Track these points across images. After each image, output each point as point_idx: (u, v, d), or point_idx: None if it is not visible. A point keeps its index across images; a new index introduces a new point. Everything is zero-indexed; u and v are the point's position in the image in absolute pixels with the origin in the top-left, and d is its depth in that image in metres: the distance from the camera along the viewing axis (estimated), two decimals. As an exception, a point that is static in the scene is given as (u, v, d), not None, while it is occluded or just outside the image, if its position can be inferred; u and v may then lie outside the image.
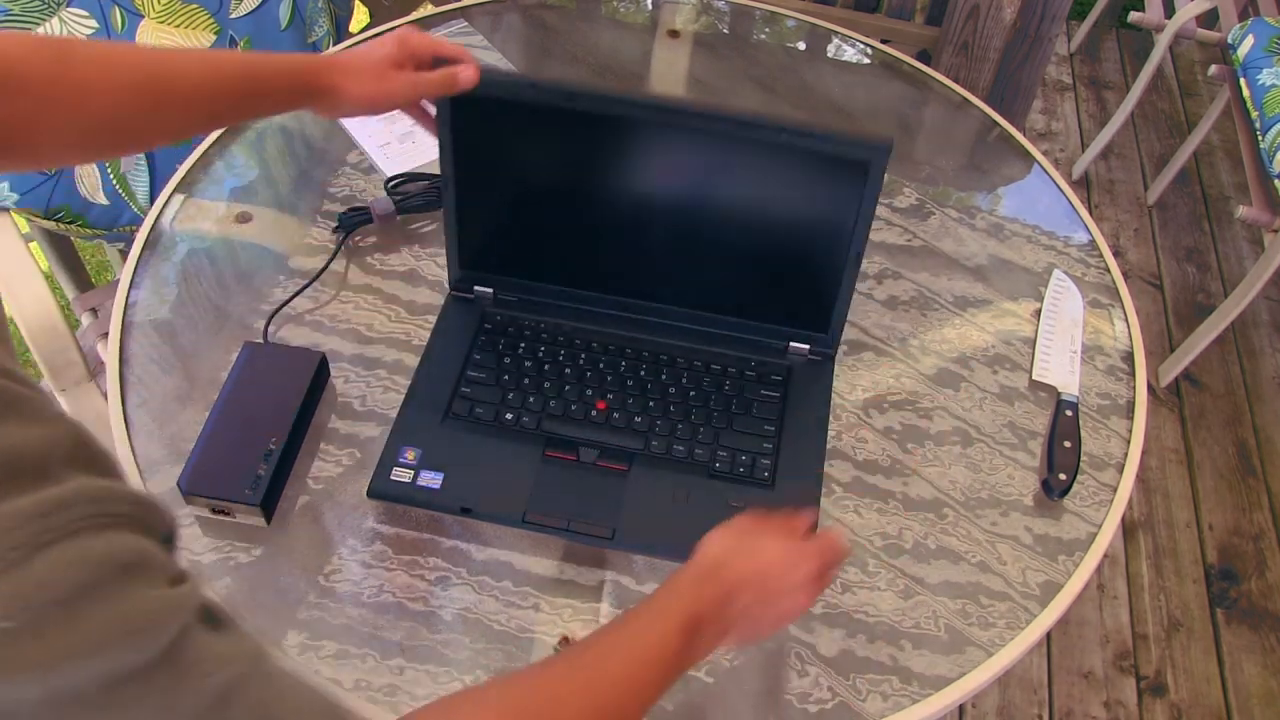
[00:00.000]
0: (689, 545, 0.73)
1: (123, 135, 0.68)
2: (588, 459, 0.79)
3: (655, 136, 0.80)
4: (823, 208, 0.80)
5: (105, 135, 0.66)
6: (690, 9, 1.27)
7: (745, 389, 0.83)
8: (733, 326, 0.86)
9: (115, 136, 0.67)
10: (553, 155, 0.83)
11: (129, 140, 0.70)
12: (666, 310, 0.87)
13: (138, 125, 0.67)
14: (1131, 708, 1.51)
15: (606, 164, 0.82)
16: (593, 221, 0.85)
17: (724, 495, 0.77)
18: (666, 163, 0.81)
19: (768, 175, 0.80)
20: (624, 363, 0.84)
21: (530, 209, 0.86)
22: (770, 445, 0.80)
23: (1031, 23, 1.72)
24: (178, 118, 0.69)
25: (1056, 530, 0.79)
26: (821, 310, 0.84)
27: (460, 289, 0.89)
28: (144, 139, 0.74)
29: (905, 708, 0.69)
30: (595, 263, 0.87)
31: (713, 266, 0.86)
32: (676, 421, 0.81)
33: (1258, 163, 1.72)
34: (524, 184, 0.85)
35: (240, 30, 1.25)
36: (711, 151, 0.80)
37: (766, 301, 0.86)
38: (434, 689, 0.69)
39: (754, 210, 0.82)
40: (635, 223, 0.84)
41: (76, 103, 0.62)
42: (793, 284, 0.85)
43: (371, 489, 0.77)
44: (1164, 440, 1.86)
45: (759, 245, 0.84)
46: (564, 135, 0.81)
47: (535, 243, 0.87)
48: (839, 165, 0.78)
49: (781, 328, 0.86)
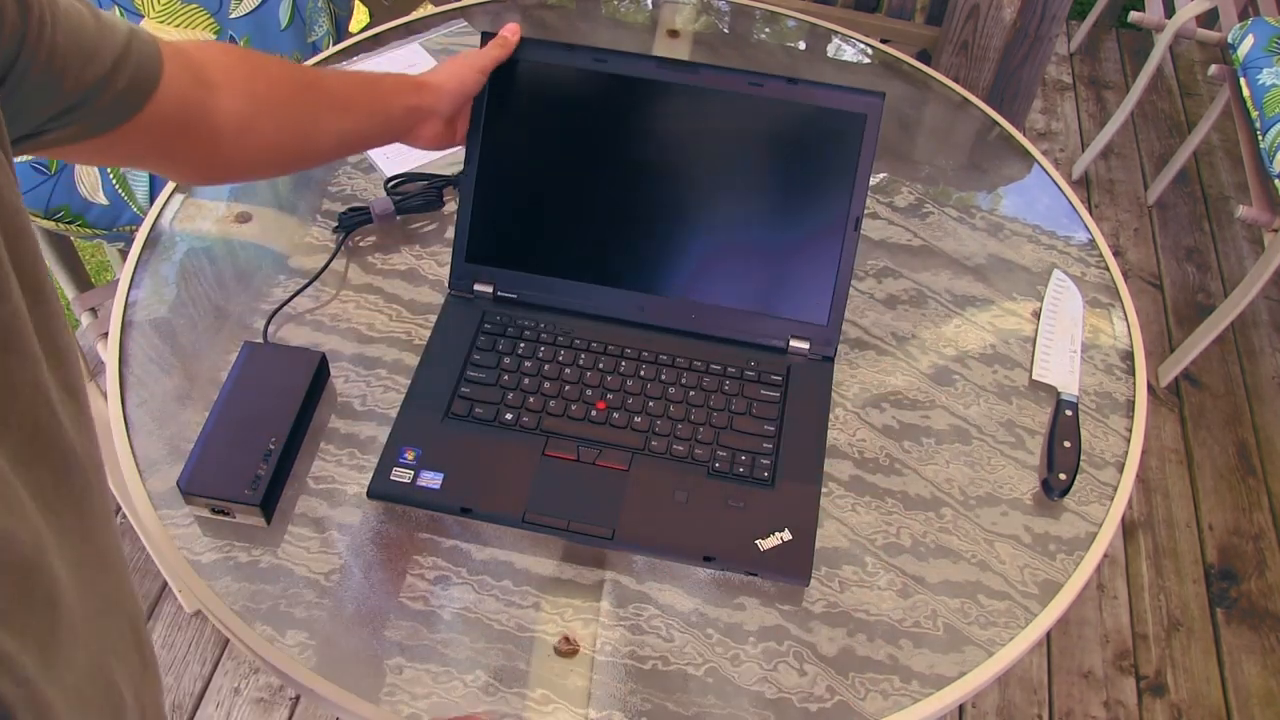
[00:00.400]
0: (688, 545, 0.74)
1: (302, 140, 0.73)
2: (587, 458, 0.78)
3: (671, 94, 0.85)
4: (822, 170, 0.84)
5: (290, 137, 0.72)
6: (690, 9, 1.27)
7: (745, 388, 0.83)
8: (735, 318, 0.86)
9: (298, 141, 0.73)
10: (573, 122, 0.86)
11: (309, 146, 0.75)
12: (668, 303, 0.86)
13: (309, 129, 0.73)
14: (1131, 708, 1.51)
15: (626, 130, 0.86)
16: (599, 205, 0.87)
17: (724, 494, 0.77)
18: (677, 125, 0.85)
19: (770, 139, 0.85)
20: (624, 362, 0.84)
21: (541, 193, 0.87)
22: (770, 445, 0.80)
23: (1031, 22, 1.72)
24: (338, 120, 0.75)
25: (1056, 530, 0.79)
26: (821, 292, 0.85)
27: (460, 288, 0.89)
28: (318, 145, 0.76)
29: (905, 707, 0.69)
30: (601, 252, 0.87)
31: (715, 246, 0.86)
32: (676, 421, 0.81)
33: (1258, 162, 1.72)
34: (539, 164, 0.87)
35: (240, 30, 1.25)
36: (717, 108, 0.84)
37: (768, 286, 0.86)
38: (434, 689, 0.69)
39: (755, 183, 0.85)
40: (641, 203, 0.86)
41: (270, 101, 0.69)
42: (794, 261, 0.85)
43: (371, 489, 0.76)
44: (1164, 440, 1.86)
45: (761, 222, 0.85)
46: (587, 98, 0.86)
47: (541, 232, 0.88)
48: (837, 120, 0.83)
49: (784, 319, 0.86)
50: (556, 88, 0.86)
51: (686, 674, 0.70)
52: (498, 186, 0.87)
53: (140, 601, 0.63)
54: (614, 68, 0.85)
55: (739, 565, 0.74)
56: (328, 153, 0.79)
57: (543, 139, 0.87)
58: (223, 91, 0.66)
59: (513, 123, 0.87)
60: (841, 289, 0.84)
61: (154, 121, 0.60)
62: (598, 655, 0.71)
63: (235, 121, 0.67)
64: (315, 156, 0.78)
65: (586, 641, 0.72)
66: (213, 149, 0.67)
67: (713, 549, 0.74)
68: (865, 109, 0.83)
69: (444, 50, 1.17)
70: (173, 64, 0.61)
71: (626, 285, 0.87)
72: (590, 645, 0.72)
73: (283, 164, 0.79)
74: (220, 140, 0.67)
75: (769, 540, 0.74)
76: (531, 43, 0.86)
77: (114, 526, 0.48)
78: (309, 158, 0.78)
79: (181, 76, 0.61)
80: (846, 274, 0.84)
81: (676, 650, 0.71)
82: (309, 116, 0.73)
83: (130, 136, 0.60)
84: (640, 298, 0.87)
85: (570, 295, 0.87)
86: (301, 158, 0.77)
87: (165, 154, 0.66)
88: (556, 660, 0.71)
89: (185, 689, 1.43)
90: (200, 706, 1.42)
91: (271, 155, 0.73)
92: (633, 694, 0.69)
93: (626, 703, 0.69)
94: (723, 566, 0.74)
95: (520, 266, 0.88)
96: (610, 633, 0.72)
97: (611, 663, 0.71)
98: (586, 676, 0.70)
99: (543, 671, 0.70)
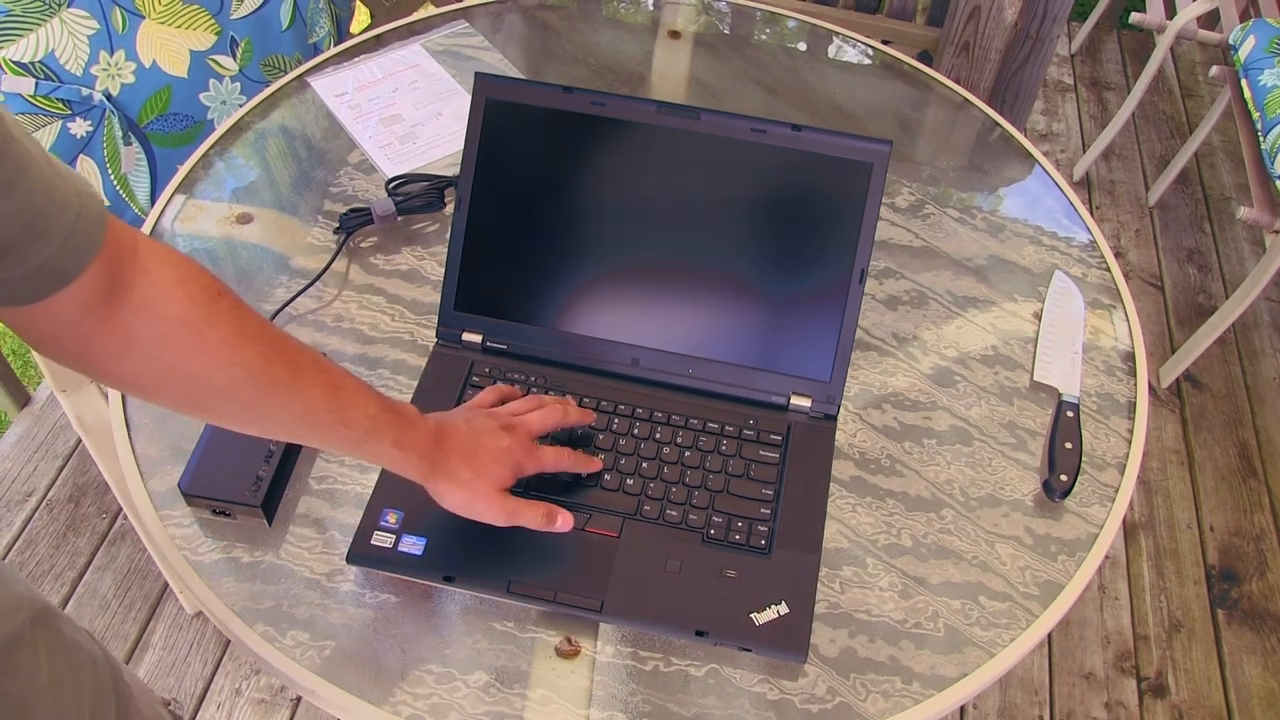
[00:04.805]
0: (680, 618, 0.71)
1: (212, 408, 0.60)
2: (577, 524, 0.74)
3: (671, 140, 0.82)
4: (826, 220, 0.81)
5: (206, 396, 0.58)
6: (691, 10, 1.27)
7: (743, 448, 0.79)
8: (733, 373, 0.82)
9: (205, 403, 0.59)
10: (568, 167, 0.83)
11: (208, 413, 0.62)
12: (663, 356, 0.83)
13: (229, 409, 0.59)
14: (1132, 709, 1.51)
15: (622, 177, 0.82)
16: (594, 253, 0.83)
17: (718, 564, 0.73)
18: (676, 172, 0.82)
19: (773, 188, 0.81)
20: (616, 420, 0.81)
21: (533, 240, 0.84)
22: (768, 510, 0.76)
23: (1032, 24, 1.72)
24: (272, 427, 0.62)
25: (1057, 531, 0.79)
26: (824, 347, 0.81)
27: (447, 338, 0.86)
28: (223, 418, 0.61)
29: (907, 708, 0.69)
30: (594, 302, 0.84)
31: (712, 298, 0.83)
32: (670, 483, 0.77)
33: (1259, 164, 1.72)
34: (531, 209, 0.84)
35: (241, 31, 1.25)
36: (718, 155, 0.81)
37: (768, 340, 0.82)
38: (435, 689, 0.69)
39: (756, 233, 0.82)
40: (637, 252, 0.83)
41: (203, 353, 0.56)
42: (796, 315, 0.82)
43: (351, 554, 0.73)
44: (1165, 441, 1.86)
45: (761, 274, 0.82)
46: (585, 142, 0.82)
47: (533, 280, 0.84)
48: (842, 169, 0.79)
49: (784, 374, 0.82)
50: (552, 131, 0.83)
51: (688, 675, 0.70)
52: (488, 232, 0.84)
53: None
54: (612, 111, 0.82)
55: (733, 640, 0.70)
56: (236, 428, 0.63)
57: (536, 183, 0.84)
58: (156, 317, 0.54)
59: (505, 166, 0.84)
60: (845, 344, 0.81)
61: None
62: (599, 656, 0.71)
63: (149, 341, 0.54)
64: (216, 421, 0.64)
65: (588, 642, 0.72)
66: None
67: (705, 623, 0.70)
68: (871, 158, 0.80)
69: (445, 51, 1.17)
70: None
71: (620, 337, 0.83)
72: (592, 646, 0.71)
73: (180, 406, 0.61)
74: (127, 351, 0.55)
75: (764, 614, 0.71)
76: (527, 84, 0.84)
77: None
78: (211, 419, 0.65)
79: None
80: (850, 329, 0.81)
81: (678, 651, 0.71)
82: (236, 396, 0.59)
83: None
84: (634, 350, 0.83)
85: (562, 346, 0.84)
86: (202, 413, 0.63)
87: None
88: (558, 661, 0.71)
89: (186, 690, 1.43)
90: (201, 708, 1.42)
91: (171, 393, 0.58)
92: (634, 695, 0.69)
93: (628, 704, 0.69)
94: (716, 641, 0.70)
95: (510, 316, 0.84)
96: (611, 633, 0.72)
97: (613, 663, 0.71)
98: (588, 677, 0.70)
99: (544, 672, 0.70)
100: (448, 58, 1.17)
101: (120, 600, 1.52)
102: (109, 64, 1.15)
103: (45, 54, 1.11)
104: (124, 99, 1.17)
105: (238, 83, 1.27)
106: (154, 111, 1.20)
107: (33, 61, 1.10)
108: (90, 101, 1.14)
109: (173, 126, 1.23)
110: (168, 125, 1.22)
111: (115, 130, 1.17)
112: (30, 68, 1.10)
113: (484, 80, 0.83)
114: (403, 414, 0.67)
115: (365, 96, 1.11)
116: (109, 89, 1.16)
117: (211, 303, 0.56)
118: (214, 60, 1.23)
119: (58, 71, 1.12)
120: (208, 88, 1.24)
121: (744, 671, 0.71)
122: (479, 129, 0.84)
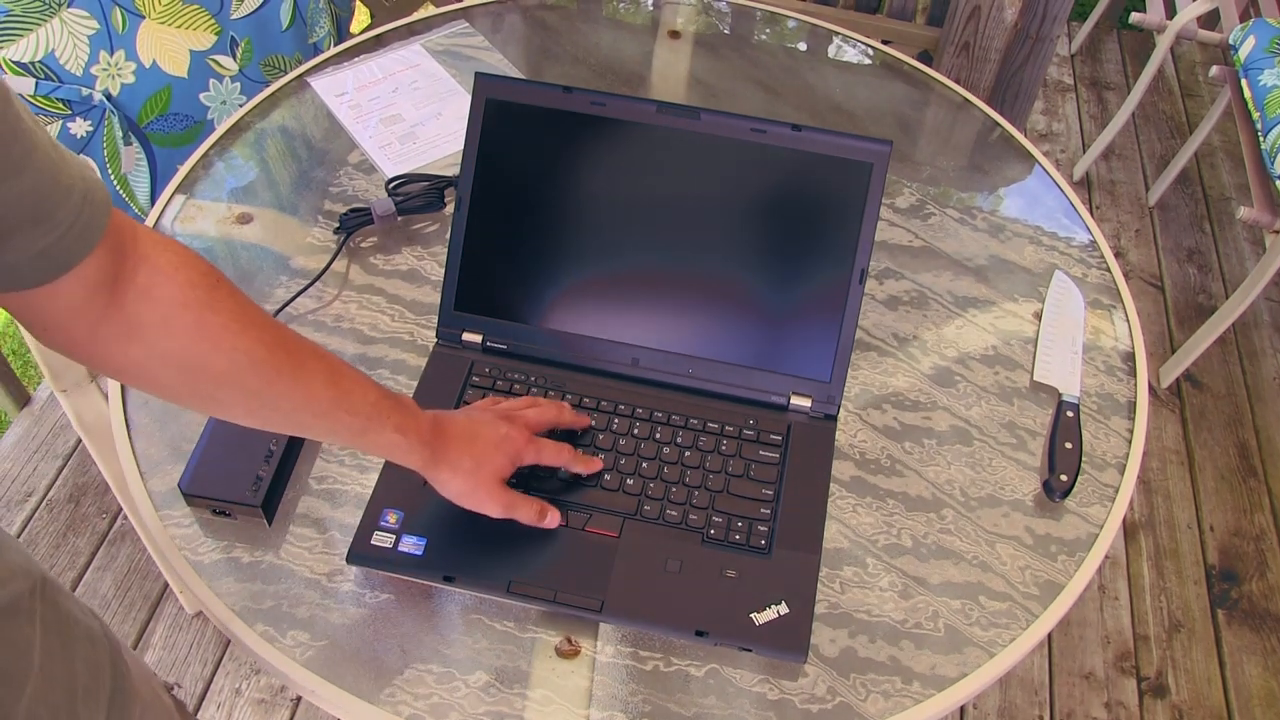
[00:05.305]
0: (680, 618, 0.71)
1: (211, 396, 0.59)
2: (576, 524, 0.75)
3: (671, 140, 0.82)
4: (826, 220, 0.81)
5: (203, 383, 0.57)
6: (691, 10, 1.27)
7: (744, 448, 0.79)
8: (733, 373, 0.82)
9: (207, 392, 0.58)
10: (568, 167, 0.83)
11: (209, 404, 0.60)
12: (663, 357, 0.83)
13: (231, 397, 0.59)
14: (1133, 709, 1.51)
15: (622, 177, 0.82)
16: (594, 253, 0.83)
17: (718, 564, 0.73)
18: (677, 172, 0.82)
19: (773, 187, 0.81)
20: (616, 420, 0.81)
21: (534, 240, 0.84)
22: (768, 510, 0.76)
23: (1033, 24, 1.72)
24: (274, 416, 0.62)
25: (1057, 531, 0.79)
26: (824, 346, 0.81)
27: (447, 338, 0.86)
28: (226, 410, 0.61)
29: (907, 708, 0.69)
30: (594, 302, 0.83)
31: (713, 298, 0.83)
32: (670, 483, 0.77)
33: (1259, 164, 1.72)
34: (531, 209, 0.84)
35: (241, 31, 1.25)
36: (718, 155, 0.80)
37: (769, 340, 0.82)
38: (435, 689, 0.69)
39: (756, 233, 0.82)
40: (637, 252, 0.83)
41: (205, 338, 0.56)
42: (796, 314, 0.82)
43: (351, 554, 0.73)
44: (1165, 441, 1.86)
45: (762, 273, 0.82)
46: (585, 142, 0.82)
47: (533, 280, 0.84)
48: (842, 169, 0.79)
49: (784, 374, 0.82)
50: (552, 131, 0.83)
51: (688, 675, 0.70)
52: (488, 232, 0.84)
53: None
54: (612, 112, 0.82)
55: (732, 640, 0.70)
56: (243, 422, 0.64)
57: (536, 183, 0.84)
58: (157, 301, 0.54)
59: (505, 166, 0.84)
60: (845, 344, 0.81)
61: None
62: (599, 656, 0.71)
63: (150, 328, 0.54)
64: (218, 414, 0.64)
65: (588, 642, 0.72)
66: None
67: (705, 623, 0.70)
68: (871, 158, 0.80)
69: (445, 51, 1.17)
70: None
71: (620, 337, 0.83)
72: (592, 646, 0.71)
73: (180, 398, 0.61)
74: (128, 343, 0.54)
75: (765, 614, 0.71)
76: (527, 84, 0.84)
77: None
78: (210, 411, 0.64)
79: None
80: (850, 329, 0.81)
81: (678, 651, 0.71)
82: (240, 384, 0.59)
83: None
84: (634, 350, 0.83)
85: (562, 346, 0.84)
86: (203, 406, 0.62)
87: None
88: (558, 661, 0.71)
89: (186, 690, 1.43)
90: (201, 707, 1.42)
91: (171, 384, 0.58)
92: (634, 695, 0.69)
93: (628, 704, 0.69)
94: (716, 641, 0.70)
95: (511, 315, 0.84)
96: (612, 633, 0.72)
97: (613, 663, 0.71)
98: (588, 677, 0.70)
99: (544, 672, 0.70)
100: (448, 58, 1.17)
101: (120, 600, 1.52)
102: (109, 64, 1.15)
103: (45, 54, 1.11)
104: (124, 99, 1.17)
105: (238, 83, 1.27)
106: (154, 111, 1.20)
107: (33, 61, 1.10)
108: (90, 101, 1.14)
109: (173, 126, 1.23)
110: (168, 125, 1.22)
111: (115, 130, 1.17)
112: (30, 68, 1.10)
113: (484, 80, 0.84)
114: (402, 402, 0.67)
115: (365, 96, 1.11)
116: (109, 89, 1.16)
117: (212, 289, 0.56)
118: (214, 60, 1.23)
119: (58, 71, 1.12)
120: (208, 88, 1.24)
121: (744, 671, 0.71)
122: (479, 129, 0.84)
